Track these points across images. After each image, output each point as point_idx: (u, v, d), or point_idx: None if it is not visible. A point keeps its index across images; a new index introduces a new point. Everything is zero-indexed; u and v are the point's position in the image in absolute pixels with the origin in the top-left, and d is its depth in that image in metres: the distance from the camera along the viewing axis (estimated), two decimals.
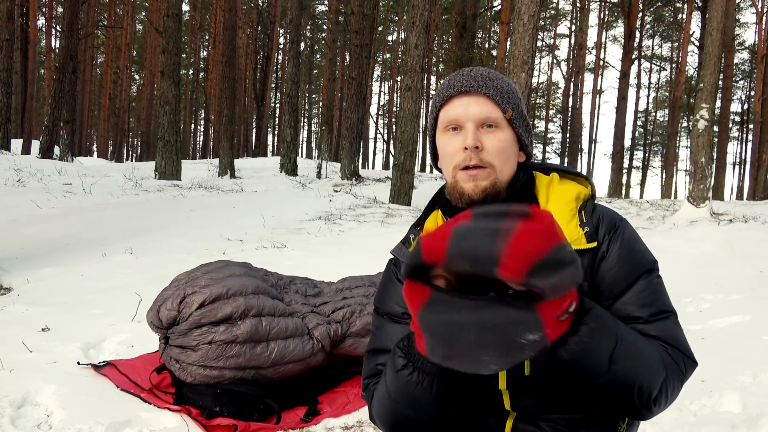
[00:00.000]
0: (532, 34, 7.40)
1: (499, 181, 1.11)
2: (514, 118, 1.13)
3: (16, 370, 2.73)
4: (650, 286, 1.10)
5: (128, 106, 40.21)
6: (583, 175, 1.23)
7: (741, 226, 7.06)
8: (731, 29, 20.30)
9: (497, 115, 1.11)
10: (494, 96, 1.11)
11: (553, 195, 1.17)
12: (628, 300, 1.09)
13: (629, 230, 1.16)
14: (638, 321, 1.08)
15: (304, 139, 47.21)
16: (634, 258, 1.12)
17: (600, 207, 1.18)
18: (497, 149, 1.11)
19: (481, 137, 1.11)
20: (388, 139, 36.52)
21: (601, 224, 1.14)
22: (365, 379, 1.21)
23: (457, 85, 1.13)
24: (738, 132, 37.03)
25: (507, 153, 1.12)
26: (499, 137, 1.11)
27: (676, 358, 1.06)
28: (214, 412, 2.42)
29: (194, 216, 7.65)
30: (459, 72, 1.17)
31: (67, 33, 15.17)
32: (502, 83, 1.14)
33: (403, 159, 9.97)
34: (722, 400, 2.68)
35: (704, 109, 8.33)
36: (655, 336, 1.07)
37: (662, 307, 1.10)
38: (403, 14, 32.66)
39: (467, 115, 1.11)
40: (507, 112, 1.12)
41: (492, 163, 1.11)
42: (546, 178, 1.20)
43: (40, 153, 15.19)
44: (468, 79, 1.13)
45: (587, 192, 1.19)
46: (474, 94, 1.12)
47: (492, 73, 1.16)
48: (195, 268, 2.81)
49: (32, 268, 4.92)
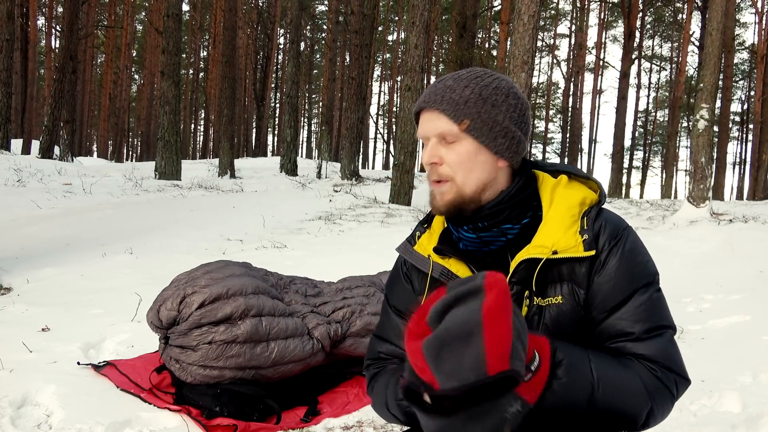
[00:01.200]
0: (532, 34, 7.40)
1: (463, 192, 1.12)
2: (472, 128, 1.10)
3: (16, 370, 2.73)
4: (647, 301, 1.09)
5: (128, 106, 40.22)
6: (593, 179, 1.21)
7: (741, 226, 7.06)
8: (731, 29, 20.30)
9: (451, 129, 1.11)
10: (446, 110, 1.10)
11: (556, 198, 1.16)
12: (623, 315, 1.08)
13: (632, 240, 1.13)
14: (630, 337, 1.07)
15: (304, 139, 47.23)
16: (633, 270, 1.10)
17: (606, 214, 1.16)
18: (455, 162, 1.11)
19: (441, 152, 1.12)
20: (388, 139, 36.52)
21: (602, 232, 1.12)
22: (367, 359, 1.31)
23: (421, 99, 1.15)
24: (738, 132, 37.05)
25: (468, 164, 1.12)
26: (457, 150, 1.11)
27: (665, 380, 1.05)
28: (214, 412, 2.42)
29: (194, 216, 7.65)
30: (433, 83, 1.18)
31: (67, 33, 15.17)
32: (466, 91, 1.11)
33: (403, 159, 9.97)
34: (722, 400, 2.68)
35: (704, 109, 8.33)
36: (645, 355, 1.06)
37: (658, 322, 1.08)
38: (403, 14, 32.65)
39: (426, 130, 1.14)
40: (462, 124, 1.10)
41: (451, 176, 1.12)
42: (552, 181, 1.19)
43: (40, 153, 15.19)
44: (429, 94, 1.14)
45: (594, 197, 1.18)
46: (429, 109, 1.13)
47: (460, 80, 1.13)
48: (195, 268, 2.81)
49: (32, 268, 4.92)
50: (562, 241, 1.09)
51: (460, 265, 1.17)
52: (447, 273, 1.18)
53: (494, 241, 1.16)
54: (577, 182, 1.20)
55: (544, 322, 1.10)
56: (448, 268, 1.18)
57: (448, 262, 1.18)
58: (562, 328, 1.09)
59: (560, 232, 1.10)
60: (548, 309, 1.10)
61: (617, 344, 1.08)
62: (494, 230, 1.15)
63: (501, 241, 1.16)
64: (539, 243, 1.10)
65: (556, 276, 1.11)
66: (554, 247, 1.09)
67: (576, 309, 1.10)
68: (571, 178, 1.21)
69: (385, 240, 6.09)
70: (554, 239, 1.10)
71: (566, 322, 1.10)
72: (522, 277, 1.11)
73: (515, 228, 1.16)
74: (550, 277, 1.11)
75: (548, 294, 1.11)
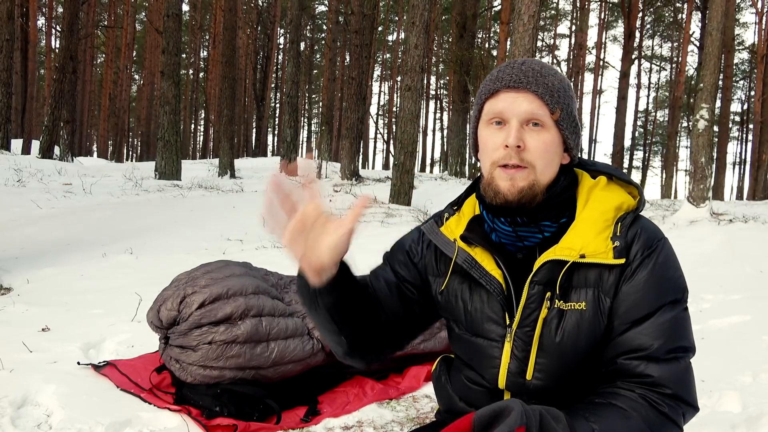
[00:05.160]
0: (532, 34, 7.40)
1: (538, 182, 1.07)
2: (562, 119, 1.08)
3: (16, 370, 2.73)
4: (672, 319, 1.04)
5: (128, 106, 40.20)
6: (635, 183, 1.15)
7: (741, 226, 7.06)
8: (731, 29, 20.30)
9: (544, 115, 1.07)
10: (543, 94, 1.06)
11: (592, 200, 1.11)
12: (644, 330, 1.03)
13: (666, 253, 1.08)
14: (646, 353, 1.02)
15: (304, 139, 47.23)
16: (663, 285, 1.05)
17: (642, 222, 1.11)
18: (541, 150, 1.07)
19: (525, 136, 1.06)
20: (388, 139, 36.51)
21: (636, 241, 1.07)
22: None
23: (506, 78, 1.08)
24: (738, 132, 37.05)
25: (550, 155, 1.08)
26: (544, 138, 1.07)
27: (672, 414, 1.00)
28: (214, 412, 2.42)
29: (194, 216, 7.65)
30: (509, 63, 1.12)
31: (67, 33, 15.17)
32: (555, 80, 1.09)
33: (403, 159, 9.97)
34: (722, 400, 2.68)
35: (704, 109, 8.33)
36: (655, 380, 1.01)
37: (678, 343, 1.04)
38: (403, 14, 32.64)
39: (512, 111, 1.07)
40: (555, 113, 1.07)
41: (533, 163, 1.07)
42: (590, 182, 1.14)
43: (40, 153, 15.18)
44: (518, 74, 1.08)
45: (632, 203, 1.12)
46: (522, 90, 1.07)
47: (545, 68, 1.10)
48: (195, 268, 2.81)
49: (32, 268, 4.92)
50: (591, 246, 1.05)
51: (485, 255, 1.14)
52: (471, 261, 1.15)
53: (530, 237, 1.12)
54: (616, 185, 1.15)
55: (563, 327, 1.07)
56: (473, 256, 1.15)
57: (474, 251, 1.15)
58: (581, 336, 1.06)
59: (591, 236, 1.06)
60: (570, 314, 1.07)
61: (630, 361, 1.03)
62: (532, 226, 1.11)
63: (537, 238, 1.12)
64: (567, 245, 1.07)
65: (583, 281, 1.07)
66: (582, 251, 1.05)
67: (598, 318, 1.06)
68: (612, 181, 1.15)
69: (385, 240, 6.04)
70: (583, 242, 1.06)
71: (585, 330, 1.06)
72: (545, 278, 1.08)
73: (553, 226, 1.12)
74: (576, 282, 1.07)
75: (572, 299, 1.07)
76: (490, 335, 1.14)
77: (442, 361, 1.33)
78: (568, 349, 1.07)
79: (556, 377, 1.09)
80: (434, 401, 2.77)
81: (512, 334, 1.11)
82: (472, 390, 1.20)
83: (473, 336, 1.17)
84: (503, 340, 1.12)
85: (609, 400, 1.02)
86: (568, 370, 1.09)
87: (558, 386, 1.10)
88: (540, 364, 1.09)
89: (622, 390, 1.02)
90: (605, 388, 1.05)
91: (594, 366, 1.09)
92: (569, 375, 1.09)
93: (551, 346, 1.08)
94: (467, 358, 1.21)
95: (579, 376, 1.10)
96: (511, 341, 1.11)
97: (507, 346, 1.12)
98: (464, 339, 1.20)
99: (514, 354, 1.11)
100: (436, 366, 1.34)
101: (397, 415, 2.66)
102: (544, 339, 1.08)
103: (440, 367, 1.32)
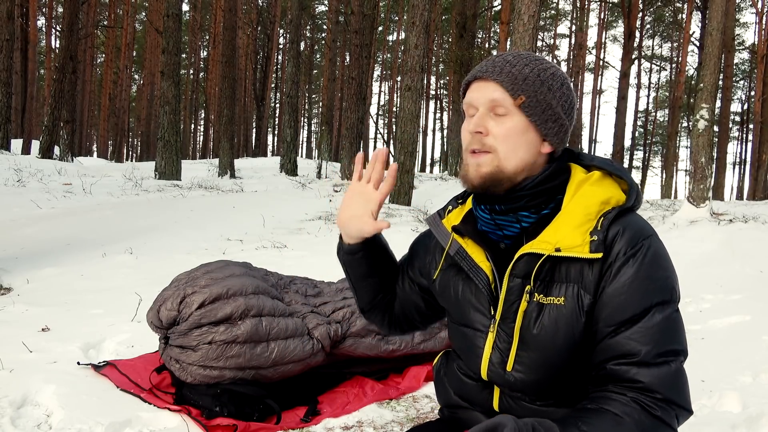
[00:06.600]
0: (532, 34, 7.40)
1: (502, 168, 1.09)
2: (527, 106, 1.08)
3: (16, 370, 2.73)
4: (662, 322, 1.01)
5: (128, 106, 40.19)
6: (629, 179, 1.13)
7: (741, 226, 7.05)
8: (731, 29, 20.29)
9: (506, 101, 1.09)
10: (504, 81, 1.09)
11: (578, 194, 1.10)
12: (633, 335, 1.01)
13: (653, 251, 1.05)
14: (635, 359, 1.00)
15: (304, 139, 47.22)
16: (650, 285, 1.02)
17: (631, 218, 1.08)
18: (502, 135, 1.09)
19: (488, 122, 1.10)
20: (388, 139, 36.50)
21: (619, 238, 1.04)
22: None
23: (477, 70, 1.14)
24: (738, 132, 37.06)
25: (513, 140, 1.09)
26: (507, 124, 1.09)
27: (665, 416, 0.99)
28: (214, 412, 2.42)
29: (194, 216, 7.65)
30: (489, 57, 1.17)
31: (67, 33, 15.16)
32: (527, 69, 1.10)
33: (403, 159, 9.97)
34: (722, 400, 2.68)
35: (704, 109, 8.33)
36: (646, 386, 0.99)
37: (668, 346, 1.01)
38: (403, 14, 32.64)
39: (479, 99, 1.11)
40: (518, 99, 1.08)
41: (495, 147, 1.09)
42: (582, 176, 1.13)
43: (40, 153, 15.18)
44: (487, 64, 1.13)
45: (621, 198, 1.10)
46: (485, 79, 1.11)
47: (521, 58, 1.12)
48: (195, 268, 2.81)
49: (32, 268, 4.92)
50: (567, 239, 1.05)
51: (476, 247, 1.16)
52: (462, 253, 1.17)
53: (509, 226, 1.13)
54: (610, 181, 1.13)
55: (542, 321, 1.07)
56: (464, 248, 1.17)
57: (465, 242, 1.18)
58: (559, 331, 1.06)
59: (569, 230, 1.06)
60: (549, 308, 1.07)
61: (619, 367, 1.01)
62: (510, 215, 1.13)
63: (515, 227, 1.13)
64: (545, 238, 1.07)
65: (564, 276, 1.07)
66: (558, 244, 1.05)
67: (576, 314, 1.05)
68: (609, 176, 1.14)
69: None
70: (560, 236, 1.06)
71: (563, 326, 1.06)
72: (523, 271, 1.09)
73: (531, 217, 1.12)
74: (557, 277, 1.07)
75: (552, 293, 1.07)
76: (476, 325, 1.17)
77: (443, 356, 1.36)
78: (547, 344, 1.08)
79: (535, 370, 1.10)
80: (434, 401, 2.77)
81: (495, 325, 1.14)
82: (465, 383, 1.23)
83: (461, 325, 1.21)
84: (487, 330, 1.15)
85: (601, 405, 1.01)
86: (549, 364, 1.09)
87: (539, 379, 1.11)
88: (520, 356, 1.10)
89: (613, 394, 1.01)
90: (597, 392, 1.04)
91: (579, 363, 1.09)
92: (550, 369, 1.09)
93: (531, 339, 1.09)
94: (457, 347, 1.26)
95: (562, 371, 1.10)
96: (495, 332, 1.14)
97: (490, 336, 1.14)
98: (454, 328, 1.25)
99: (496, 345, 1.14)
100: (437, 361, 1.37)
101: (397, 415, 2.66)
102: (524, 332, 1.10)
103: (441, 361, 1.35)
